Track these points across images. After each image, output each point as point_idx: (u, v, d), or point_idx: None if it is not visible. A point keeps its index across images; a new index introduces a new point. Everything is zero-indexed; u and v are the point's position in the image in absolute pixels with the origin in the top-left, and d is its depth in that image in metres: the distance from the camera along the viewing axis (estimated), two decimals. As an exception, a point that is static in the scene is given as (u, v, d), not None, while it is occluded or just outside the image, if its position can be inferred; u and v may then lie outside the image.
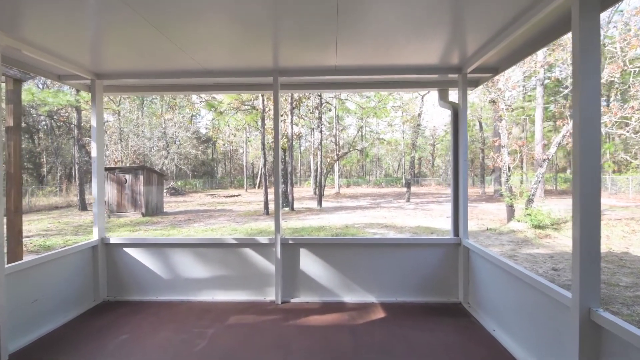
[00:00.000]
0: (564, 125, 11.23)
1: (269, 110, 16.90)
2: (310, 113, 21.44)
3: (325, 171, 21.71)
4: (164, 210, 17.27)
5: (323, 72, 3.38)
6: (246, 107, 19.61)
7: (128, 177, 15.50)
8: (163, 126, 33.44)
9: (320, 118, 20.60)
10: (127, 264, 3.69)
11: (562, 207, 12.62)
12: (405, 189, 23.10)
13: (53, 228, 12.14)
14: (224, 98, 18.08)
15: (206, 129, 44.09)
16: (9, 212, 3.70)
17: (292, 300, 3.53)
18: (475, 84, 3.78)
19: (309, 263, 3.57)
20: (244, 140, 42.63)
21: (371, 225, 10.97)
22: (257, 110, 18.02)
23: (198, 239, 3.75)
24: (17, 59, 3.03)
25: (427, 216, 13.44)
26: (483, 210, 15.47)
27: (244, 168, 43.43)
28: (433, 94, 19.70)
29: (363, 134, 40.79)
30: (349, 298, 3.52)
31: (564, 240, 8.45)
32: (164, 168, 35.91)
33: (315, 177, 28.97)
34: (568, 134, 9.75)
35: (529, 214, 9.84)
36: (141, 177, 15.48)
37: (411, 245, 3.55)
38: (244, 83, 3.78)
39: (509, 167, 11.42)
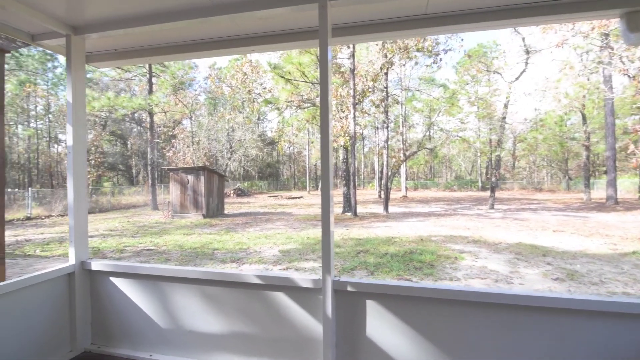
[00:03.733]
0: None
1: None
2: (375, 107, 19.63)
3: (392, 172, 19.73)
4: (225, 211, 17.05)
5: None
6: (307, 105, 18.65)
7: (190, 177, 15.50)
8: (227, 127, 34.51)
9: (386, 112, 18.71)
10: (113, 300, 2.53)
11: None
12: (484, 194, 19.92)
13: (119, 228, 12.36)
14: (278, 91, 17.24)
15: (271, 131, 44.90)
16: (-19, 220, 2.82)
17: None
18: None
19: (382, 327, 2.00)
20: (307, 142, 42.46)
21: (453, 239, 8.88)
22: (317, 106, 16.87)
23: (207, 271, 2.39)
24: None
25: (523, 228, 10.76)
26: (600, 222, 12.10)
27: (306, 170, 43.21)
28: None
29: (431, 133, 37.49)
30: None
31: None
32: (231, 170, 37.23)
33: (380, 178, 26.99)
34: None
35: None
36: (202, 178, 15.36)
37: (599, 313, 1.73)
38: (282, 31, 2.39)
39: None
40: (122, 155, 35.24)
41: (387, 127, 19.32)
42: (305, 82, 16.79)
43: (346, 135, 15.37)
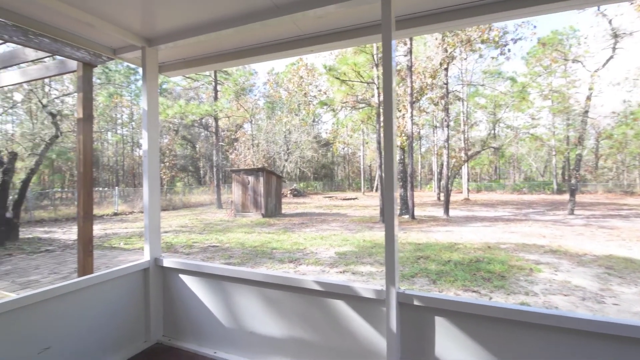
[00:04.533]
0: None
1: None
2: (434, 104, 18.68)
3: (452, 173, 18.62)
4: (282, 211, 17.58)
5: None
6: (362, 105, 18.46)
7: (250, 178, 16.27)
8: (284, 130, 35.60)
9: (446, 110, 17.70)
10: (182, 296, 2.70)
11: None
12: (560, 197, 17.79)
13: (189, 225, 13.41)
14: (333, 93, 17.27)
15: (326, 132, 45.36)
16: (78, 217, 3.21)
17: None
18: None
19: (454, 348, 1.82)
20: (361, 143, 42.12)
21: (526, 248, 8.03)
22: (373, 106, 16.58)
23: (268, 274, 2.42)
24: (63, 29, 2.38)
25: (613, 238, 9.35)
26: None
27: (361, 171, 42.86)
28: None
29: (496, 131, 34.66)
30: None
31: None
32: (287, 170, 38.38)
33: (439, 180, 25.64)
34: None
35: None
36: (261, 179, 16.03)
37: None
38: (341, 28, 2.33)
39: None
40: (192, 157, 38.39)
41: (447, 126, 18.28)
42: (361, 82, 16.61)
43: (403, 135, 14.87)
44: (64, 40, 2.57)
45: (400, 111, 15.72)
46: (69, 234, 11.26)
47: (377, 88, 15.21)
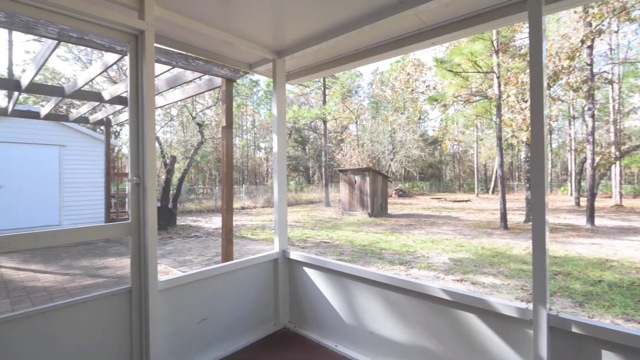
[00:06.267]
0: None
1: (507, 97, 13.36)
2: (574, 91, 15.52)
3: (598, 174, 15.18)
4: (388, 212, 17.34)
5: None
6: (477, 98, 16.72)
7: (357, 178, 16.55)
8: (389, 129, 34.97)
9: (591, 96, 14.52)
10: (306, 288, 2.92)
11: None
12: None
13: (301, 220, 14.48)
14: (442, 87, 16.02)
15: (433, 130, 42.76)
16: (222, 210, 3.80)
17: None
18: None
19: None
20: (474, 140, 38.20)
21: None
22: (491, 98, 14.82)
23: (389, 277, 2.40)
24: (211, 51, 2.86)
25: None
26: None
27: (474, 170, 38.87)
28: None
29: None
30: None
31: None
32: (392, 170, 37.63)
33: (578, 181, 21.24)
34: None
35: None
36: (368, 179, 16.13)
37: None
38: (469, 14, 2.13)
39: None
40: (302, 158, 41.47)
41: (591, 116, 14.96)
42: (478, 72, 15.04)
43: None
44: (212, 61, 3.08)
45: (526, 101, 13.62)
46: (210, 223, 13.49)
47: (497, 77, 13.54)
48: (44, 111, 7.08)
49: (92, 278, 5.51)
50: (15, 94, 5.77)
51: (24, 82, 4.72)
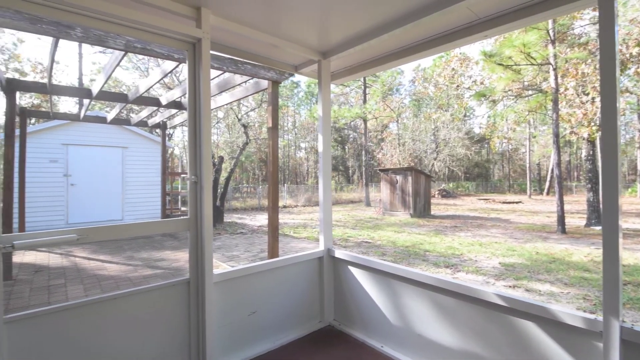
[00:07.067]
0: None
1: (565, 90, 12.28)
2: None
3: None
4: (431, 212, 16.77)
5: None
6: (529, 93, 15.57)
7: (398, 177, 16.20)
8: (431, 127, 33.77)
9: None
10: (351, 287, 2.93)
11: None
12: None
13: (342, 220, 14.50)
14: (491, 82, 15.07)
15: (480, 127, 40.54)
16: (268, 208, 3.94)
17: None
18: None
19: None
20: (526, 137, 35.61)
21: None
22: (546, 92, 13.72)
23: (439, 279, 2.32)
24: (258, 55, 2.96)
25: None
26: None
27: (526, 170, 36.24)
28: None
29: None
30: None
31: None
32: (435, 170, 36.28)
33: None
34: None
35: None
36: (410, 178, 15.72)
37: None
38: (523, 4, 1.99)
39: None
40: (342, 157, 41.46)
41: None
42: (532, 64, 14.00)
43: (591, 124, 11.69)
44: (259, 64, 3.18)
45: (587, 94, 12.43)
46: (254, 221, 13.99)
47: (554, 69, 12.51)
48: (109, 116, 7.82)
49: (151, 269, 5.98)
50: (87, 101, 6.42)
51: (95, 90, 5.24)
